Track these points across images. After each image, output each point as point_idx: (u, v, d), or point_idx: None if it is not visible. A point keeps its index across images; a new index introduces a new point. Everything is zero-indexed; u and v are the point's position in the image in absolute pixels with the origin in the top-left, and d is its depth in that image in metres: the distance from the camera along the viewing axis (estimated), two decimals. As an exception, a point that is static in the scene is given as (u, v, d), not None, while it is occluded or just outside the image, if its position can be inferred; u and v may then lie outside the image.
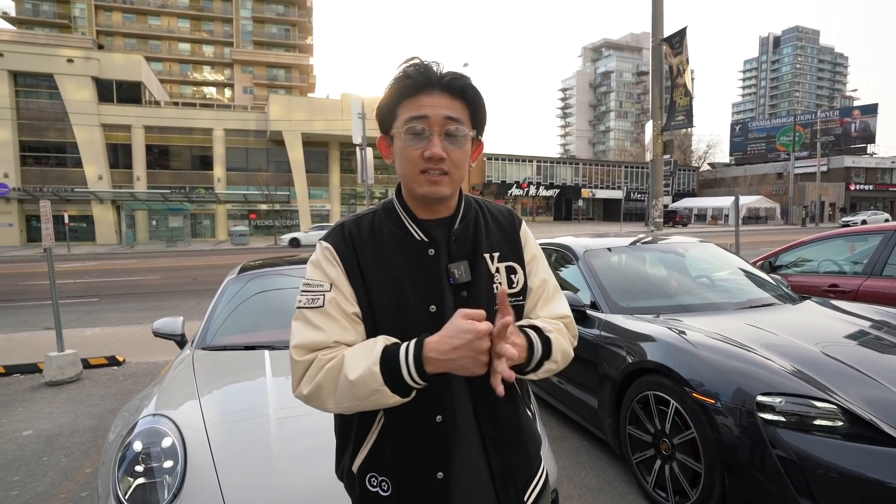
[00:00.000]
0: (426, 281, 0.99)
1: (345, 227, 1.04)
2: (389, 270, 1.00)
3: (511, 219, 1.13)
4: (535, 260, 1.12)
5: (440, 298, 0.99)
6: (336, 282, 0.99)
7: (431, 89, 0.96)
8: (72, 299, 10.46)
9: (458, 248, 1.02)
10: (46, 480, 3.01)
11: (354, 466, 1.02)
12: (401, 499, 0.98)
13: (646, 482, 2.64)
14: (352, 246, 1.01)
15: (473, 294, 1.01)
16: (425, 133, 0.96)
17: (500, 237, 1.09)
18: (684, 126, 8.89)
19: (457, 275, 1.00)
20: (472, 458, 1.01)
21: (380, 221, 1.04)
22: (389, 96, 0.99)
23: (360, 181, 12.79)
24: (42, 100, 31.86)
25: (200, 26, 64.39)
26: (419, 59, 0.99)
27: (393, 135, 1.00)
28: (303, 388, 0.94)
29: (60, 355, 4.96)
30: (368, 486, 1.01)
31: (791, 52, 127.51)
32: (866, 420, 2.02)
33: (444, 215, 1.05)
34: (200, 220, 35.71)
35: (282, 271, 3.56)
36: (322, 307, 0.97)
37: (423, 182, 0.97)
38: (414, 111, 0.95)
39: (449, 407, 0.99)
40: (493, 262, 1.05)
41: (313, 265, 1.02)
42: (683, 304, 3.33)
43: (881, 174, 51.91)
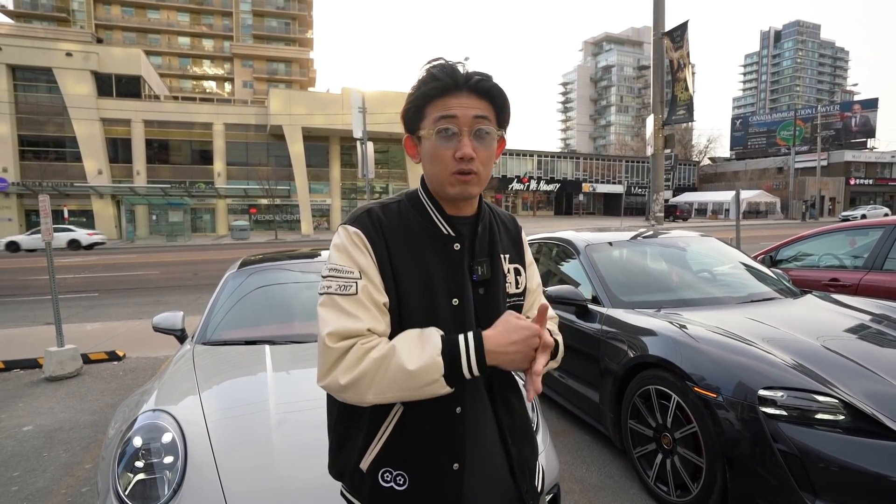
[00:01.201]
0: (451, 274, 1.01)
1: (372, 213, 1.02)
2: (420, 261, 1.00)
3: (515, 224, 1.19)
4: (532, 265, 1.20)
5: (462, 293, 1.01)
6: (365, 269, 0.97)
7: (459, 90, 0.98)
8: (72, 294, 10.46)
9: (481, 247, 1.06)
10: (46, 476, 3.01)
11: (364, 464, 1.00)
12: (417, 492, 0.98)
13: (647, 476, 2.64)
14: (381, 233, 1.00)
15: (491, 291, 1.05)
16: (455, 133, 0.97)
17: (508, 240, 1.14)
18: (685, 120, 8.87)
19: (480, 272, 1.04)
20: (487, 449, 1.03)
21: (406, 211, 1.05)
22: (416, 97, 1.00)
23: (361, 176, 12.76)
24: (41, 94, 31.74)
25: (200, 20, 64.10)
26: (444, 59, 1.01)
27: (421, 136, 1.01)
28: (339, 377, 0.90)
29: (60, 350, 4.96)
30: (381, 482, 0.99)
31: (792, 46, 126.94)
32: (867, 414, 2.01)
33: (469, 213, 1.07)
34: (200, 214, 35.67)
35: (283, 266, 3.55)
36: (355, 295, 0.94)
37: (455, 182, 0.99)
38: (443, 111, 0.97)
39: (468, 398, 1.00)
40: (506, 262, 1.10)
41: (338, 250, 0.99)
42: (685, 298, 3.32)
43: (881, 169, 51.85)
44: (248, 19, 64.43)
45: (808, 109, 57.83)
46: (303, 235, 32.29)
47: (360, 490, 1.02)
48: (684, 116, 8.65)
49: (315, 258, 3.69)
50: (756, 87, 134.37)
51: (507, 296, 1.09)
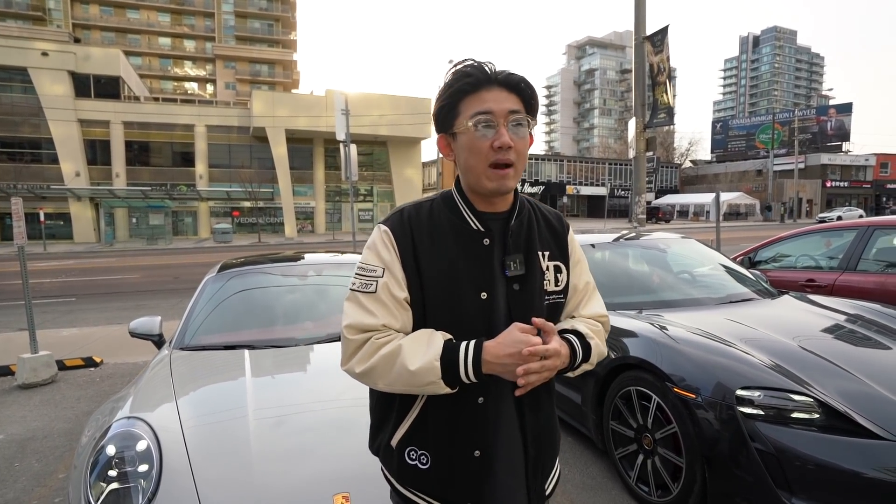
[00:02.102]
0: (479, 269, 1.04)
1: (404, 212, 1.09)
2: (445, 256, 1.04)
3: (561, 222, 1.21)
4: (580, 263, 1.21)
5: (491, 287, 1.04)
6: (389, 266, 1.04)
7: (490, 85, 1.01)
8: (48, 299, 10.21)
9: (514, 242, 1.08)
10: (17, 487, 2.93)
11: (394, 441, 1.08)
12: (439, 472, 1.05)
13: (629, 477, 2.65)
14: (409, 230, 1.05)
15: (526, 287, 1.07)
16: (492, 125, 1.00)
17: (550, 237, 1.15)
18: (666, 123, 8.99)
19: (512, 267, 1.05)
20: (509, 442, 1.07)
21: (438, 209, 1.09)
22: (449, 94, 1.03)
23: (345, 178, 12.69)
24: (15, 94, 30.97)
25: (181, 20, 63.22)
26: (473, 59, 1.04)
27: (456, 132, 1.04)
28: (355, 366, 1.02)
29: (34, 357, 4.83)
30: (407, 459, 1.07)
31: (770, 51, 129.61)
32: (842, 412, 2.05)
33: (502, 209, 1.09)
34: (182, 217, 35.10)
35: (263, 269, 3.50)
36: (374, 293, 1.02)
37: (493, 177, 1.02)
38: (479, 106, 1.00)
39: (492, 391, 1.04)
40: (545, 259, 1.11)
41: (370, 249, 1.07)
42: (665, 299, 3.36)
43: (856, 171, 53.14)
44: (231, 20, 63.72)
45: (785, 113, 59.09)
46: (287, 238, 31.99)
47: (391, 464, 1.11)
48: (665, 120, 8.77)
49: (297, 261, 3.65)
50: (736, 91, 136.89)
51: (546, 293, 1.10)
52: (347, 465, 1.70)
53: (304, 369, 2.53)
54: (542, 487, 1.14)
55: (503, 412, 1.06)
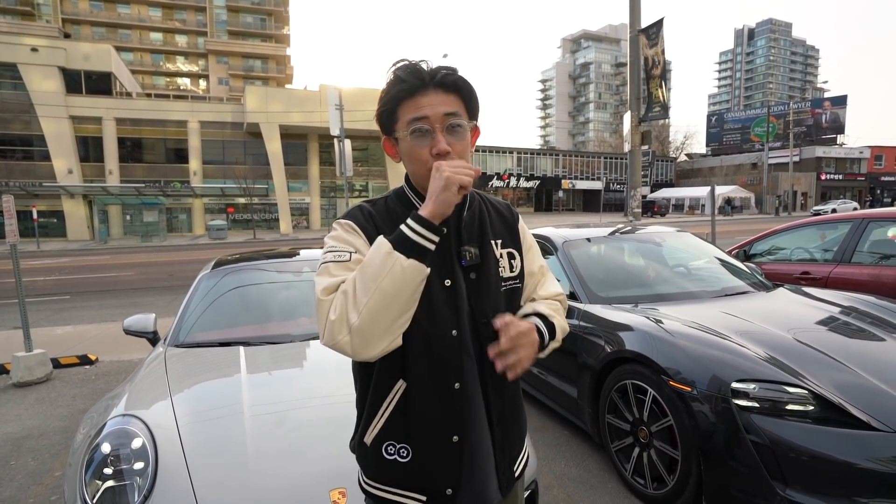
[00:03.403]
0: (440, 258, 1.04)
1: (363, 208, 1.11)
2: None
3: (510, 211, 1.24)
4: (532, 248, 1.25)
5: (452, 275, 1.06)
6: (359, 249, 1.04)
7: (426, 89, 1.01)
8: (42, 297, 10.15)
9: (468, 233, 1.10)
10: (13, 485, 2.92)
11: (368, 438, 1.08)
12: (420, 462, 1.05)
13: (624, 470, 2.67)
14: (373, 223, 1.07)
15: (481, 276, 1.09)
16: (428, 131, 1.01)
17: (501, 226, 1.18)
18: (661, 117, 8.99)
19: (468, 256, 1.08)
20: (481, 425, 1.09)
21: (393, 205, 1.12)
22: (387, 100, 1.04)
23: (339, 174, 12.64)
24: (5, 90, 30.59)
25: (172, 15, 62.61)
26: (407, 60, 1.04)
27: (397, 137, 1.06)
28: (330, 314, 0.95)
29: (28, 355, 4.80)
30: (385, 455, 1.06)
31: (765, 44, 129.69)
32: (836, 404, 2.07)
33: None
34: (176, 214, 34.89)
35: (257, 265, 3.49)
36: (348, 261, 1.02)
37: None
38: (414, 112, 1.01)
39: (467, 376, 1.06)
40: (498, 248, 1.14)
41: (334, 237, 1.07)
42: (661, 293, 3.37)
43: (850, 164, 53.34)
44: (223, 14, 63.16)
45: (780, 106, 59.14)
46: (282, 234, 31.88)
47: (367, 463, 1.11)
48: (660, 113, 8.76)
49: (292, 258, 3.64)
50: (731, 84, 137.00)
51: (503, 280, 1.13)
52: (343, 461, 1.68)
53: (299, 366, 2.53)
54: (511, 469, 1.16)
55: (475, 396, 1.08)
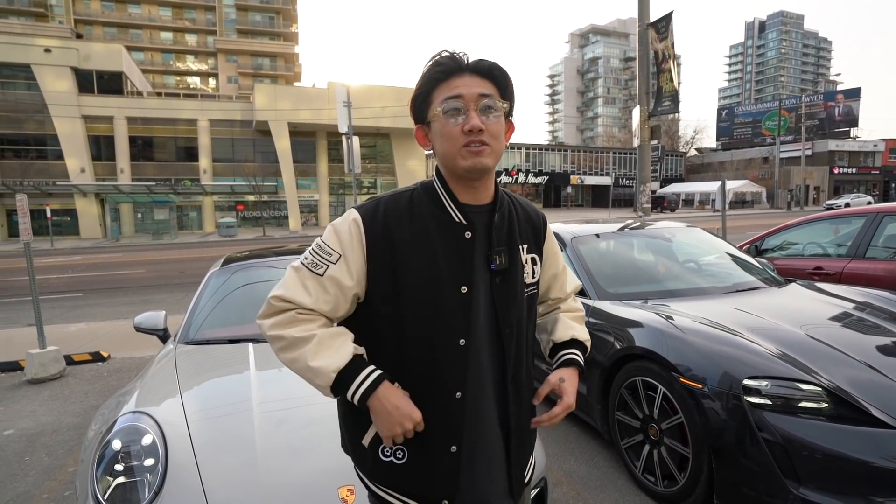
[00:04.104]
0: (460, 262, 1.02)
1: (381, 204, 1.06)
2: (426, 248, 1.02)
3: (538, 214, 1.21)
4: (556, 253, 1.26)
5: (471, 280, 1.03)
6: (348, 255, 1.02)
7: (462, 72, 1.01)
8: (55, 295, 10.28)
9: (499, 236, 1.07)
10: (28, 480, 2.96)
11: (365, 440, 1.06)
12: (416, 467, 1.04)
13: (634, 467, 2.65)
14: (384, 223, 1.03)
15: (508, 281, 1.07)
16: (462, 109, 0.99)
17: (528, 230, 1.15)
18: (670, 111, 8.89)
19: (498, 261, 1.05)
20: (489, 434, 1.06)
21: (418, 200, 1.07)
22: (422, 85, 1.04)
23: (348, 171, 12.66)
24: (20, 91, 31.00)
25: (182, 14, 63.00)
26: (447, 50, 1.04)
27: (430, 120, 1.04)
28: (266, 324, 1.02)
29: (42, 352, 4.87)
30: (381, 457, 1.06)
31: (776, 36, 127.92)
32: (850, 401, 2.03)
33: (484, 201, 1.07)
34: (187, 212, 35.19)
35: (266, 263, 3.50)
36: (321, 276, 1.02)
37: (467, 155, 1.00)
38: (448, 92, 1.00)
39: (469, 385, 1.03)
40: (524, 252, 1.12)
41: (334, 230, 1.05)
42: (671, 289, 3.33)
43: (864, 157, 52.52)
44: (232, 13, 63.44)
45: (792, 99, 58.38)
46: (291, 231, 32.05)
47: (364, 464, 1.10)
48: (670, 108, 8.67)
49: (301, 255, 3.65)
50: (741, 77, 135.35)
51: (526, 285, 1.11)
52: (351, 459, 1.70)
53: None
54: (522, 475, 1.15)
55: (482, 406, 1.05)
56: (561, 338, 1.21)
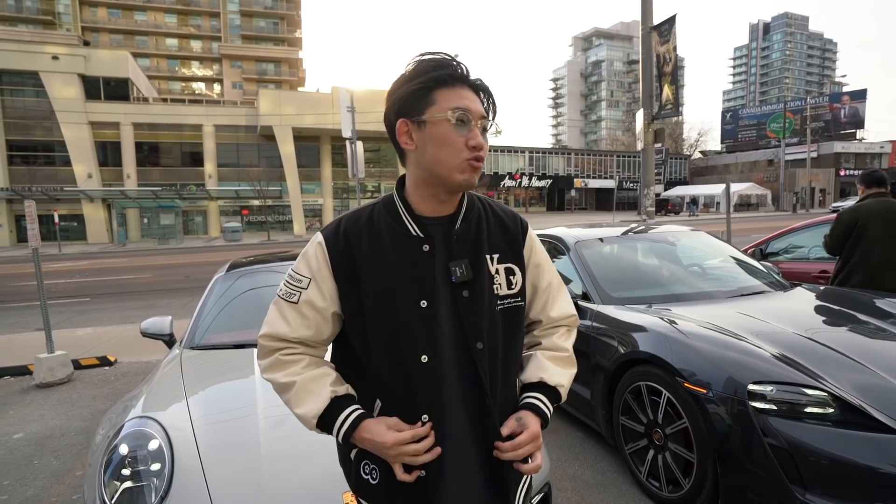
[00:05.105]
0: (418, 276, 1.00)
1: (342, 223, 1.06)
2: (382, 264, 1.01)
3: (516, 221, 1.14)
4: (540, 264, 1.16)
5: (432, 295, 1.00)
6: (317, 277, 1.03)
7: (463, 84, 0.99)
8: (63, 299, 10.36)
9: (460, 247, 1.03)
10: (37, 484, 2.98)
11: (352, 453, 1.07)
12: (387, 489, 1.02)
13: (639, 472, 2.64)
14: (345, 241, 1.03)
15: (476, 293, 1.02)
16: (468, 123, 0.98)
17: (501, 238, 1.09)
18: (673, 115, 8.89)
19: (458, 273, 1.01)
20: (463, 455, 1.02)
21: (378, 215, 1.05)
22: (425, 79, 0.98)
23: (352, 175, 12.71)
24: (28, 98, 31.35)
25: (187, 21, 63.52)
26: (447, 54, 1.02)
27: (427, 120, 0.97)
28: (260, 364, 1.08)
29: (50, 357, 4.91)
30: (362, 473, 1.06)
31: (781, 38, 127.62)
32: (856, 406, 2.02)
33: (446, 213, 1.05)
34: (192, 216, 35.41)
35: (271, 268, 3.52)
36: (296, 304, 1.04)
37: (467, 170, 0.99)
38: (457, 101, 0.97)
39: (436, 404, 1.00)
40: (493, 262, 1.06)
41: (303, 257, 1.07)
42: (675, 293, 3.33)
43: (870, 159, 52.17)
44: (236, 19, 63.91)
45: (797, 101, 58.12)
46: (295, 236, 32.15)
47: (350, 476, 1.11)
48: (672, 111, 8.67)
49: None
50: (746, 79, 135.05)
51: (498, 297, 1.05)
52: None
53: (313, 367, 2.54)
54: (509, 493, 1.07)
55: (453, 426, 1.01)
56: (528, 378, 1.11)
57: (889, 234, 3.64)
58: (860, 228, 3.72)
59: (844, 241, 3.82)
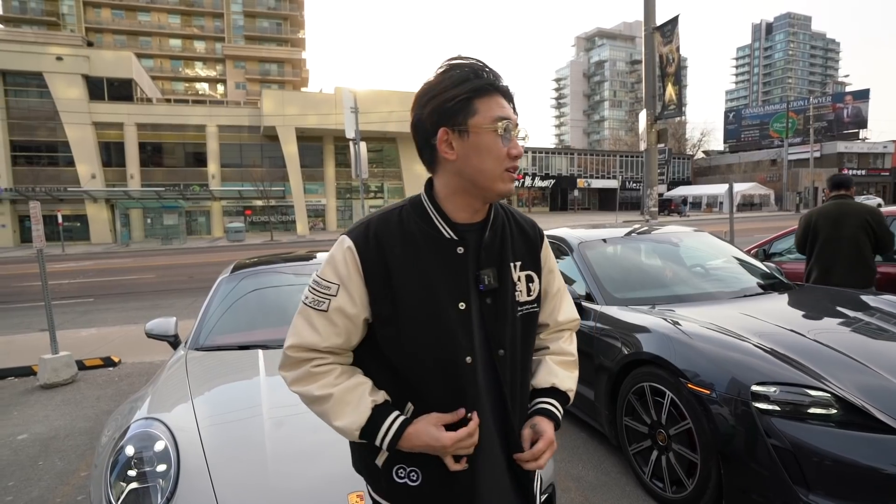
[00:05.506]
0: (455, 279, 1.01)
1: (371, 225, 1.03)
2: (419, 267, 1.00)
3: (535, 230, 1.16)
4: (553, 270, 1.19)
5: (468, 297, 1.01)
6: (346, 283, 1.00)
7: (497, 93, 1.00)
8: (67, 300, 10.40)
9: (487, 255, 1.04)
10: (42, 485, 3.00)
11: (379, 461, 1.04)
12: (431, 488, 1.02)
13: (643, 473, 2.65)
14: (376, 245, 1.00)
15: (498, 301, 1.04)
16: (510, 133, 0.99)
17: (522, 246, 1.11)
18: (675, 115, 8.88)
19: (486, 281, 1.02)
20: (496, 455, 1.05)
21: (407, 218, 1.04)
22: (467, 87, 0.97)
23: (355, 175, 12.72)
24: (32, 98, 31.48)
25: (191, 21, 63.73)
26: (480, 61, 1.02)
27: (469, 129, 0.97)
28: (288, 379, 1.04)
29: (54, 357, 4.93)
30: (395, 478, 1.04)
31: (783, 38, 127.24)
32: (859, 407, 2.03)
33: (477, 220, 1.05)
34: (195, 217, 35.50)
35: (276, 269, 3.53)
36: (325, 311, 1.01)
37: (507, 179, 1.00)
38: (498, 111, 0.98)
39: (481, 405, 1.02)
40: (515, 270, 1.08)
41: (329, 262, 1.03)
42: (678, 294, 3.33)
43: (873, 159, 52.03)
44: (240, 20, 64.08)
45: (800, 101, 57.97)
46: (298, 236, 32.21)
47: (379, 485, 1.07)
48: (675, 112, 8.66)
49: (310, 260, 3.68)
50: (748, 79, 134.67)
51: (519, 304, 1.07)
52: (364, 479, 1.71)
53: (317, 368, 2.55)
54: (532, 493, 1.12)
55: (486, 428, 1.03)
56: (540, 384, 1.14)
57: (836, 234, 3.92)
58: (814, 230, 4.07)
59: (805, 241, 4.17)
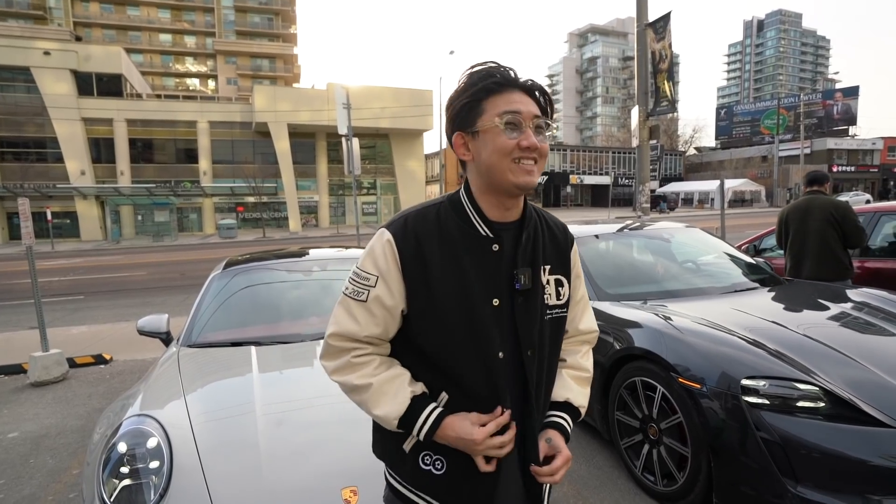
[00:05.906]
0: (489, 275, 1.03)
1: (409, 219, 1.06)
2: (455, 263, 1.02)
3: (565, 234, 1.18)
4: (579, 277, 1.21)
5: (502, 294, 1.03)
6: (385, 275, 1.03)
7: (514, 88, 1.01)
8: (57, 297, 10.31)
9: (523, 255, 1.06)
10: (33, 483, 2.98)
11: (407, 446, 1.07)
12: (454, 478, 1.04)
13: (634, 467, 2.67)
14: (415, 240, 1.03)
15: (529, 302, 1.06)
16: (519, 125, 0.99)
17: (553, 250, 1.13)
18: (668, 111, 8.91)
19: (523, 280, 1.04)
20: (512, 454, 1.07)
21: (445, 214, 1.06)
22: (473, 92, 1.01)
23: (347, 172, 12.67)
24: (19, 94, 31.04)
25: (181, 16, 63.04)
26: (493, 61, 1.05)
27: (479, 130, 1.01)
28: (330, 369, 1.08)
29: (45, 355, 4.89)
30: (421, 465, 1.06)
31: (775, 35, 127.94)
32: (847, 400, 2.06)
33: (512, 219, 1.07)
34: (187, 213, 35.22)
35: (268, 265, 3.53)
36: (365, 302, 1.04)
37: (518, 171, 1.00)
38: (506, 106, 0.99)
39: (510, 400, 1.04)
40: (545, 273, 1.10)
41: (369, 254, 1.06)
42: (670, 289, 3.36)
43: (862, 155, 52.57)
44: (231, 15, 63.46)
45: (791, 98, 58.41)
46: (291, 233, 32.08)
47: (402, 470, 1.10)
48: (668, 108, 8.69)
49: (302, 257, 3.67)
50: (740, 76, 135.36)
51: (547, 307, 1.09)
52: (355, 460, 1.72)
53: (310, 365, 2.55)
54: (541, 492, 1.14)
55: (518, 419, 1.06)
56: (555, 397, 1.17)
57: (804, 227, 4.12)
58: (786, 224, 4.30)
59: (780, 235, 4.42)
